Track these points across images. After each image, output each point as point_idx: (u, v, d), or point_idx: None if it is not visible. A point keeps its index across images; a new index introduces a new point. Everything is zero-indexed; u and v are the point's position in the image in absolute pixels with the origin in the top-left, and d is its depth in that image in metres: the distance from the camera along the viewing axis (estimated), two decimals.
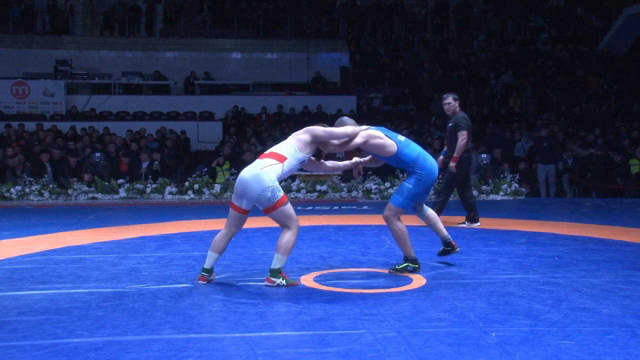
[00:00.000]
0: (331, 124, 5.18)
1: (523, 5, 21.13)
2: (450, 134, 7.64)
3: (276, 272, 4.71)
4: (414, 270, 5.11)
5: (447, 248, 5.46)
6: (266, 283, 4.73)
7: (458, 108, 7.72)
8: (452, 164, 7.46)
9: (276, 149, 4.84)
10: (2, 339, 3.50)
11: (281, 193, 4.64)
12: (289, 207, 4.68)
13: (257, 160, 4.79)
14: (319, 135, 4.85)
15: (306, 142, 4.81)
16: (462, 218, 7.88)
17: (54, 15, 19.56)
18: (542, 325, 3.72)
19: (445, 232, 5.43)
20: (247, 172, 4.71)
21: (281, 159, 4.73)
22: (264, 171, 4.64)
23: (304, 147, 4.80)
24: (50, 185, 11.36)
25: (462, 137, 7.43)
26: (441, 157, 7.78)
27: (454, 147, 7.49)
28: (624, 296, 4.37)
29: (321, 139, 4.89)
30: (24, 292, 4.54)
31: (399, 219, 5.14)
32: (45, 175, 11.63)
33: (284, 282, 4.70)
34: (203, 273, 4.85)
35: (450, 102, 7.66)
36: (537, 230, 7.43)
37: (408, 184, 5.11)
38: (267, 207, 4.64)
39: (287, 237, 4.67)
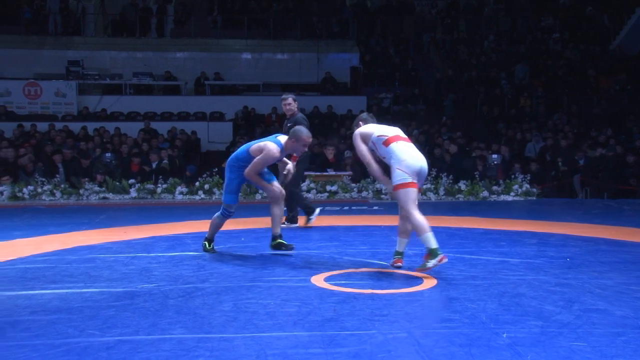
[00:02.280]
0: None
1: (534, 5, 21.03)
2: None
3: (435, 252, 4.90)
4: None
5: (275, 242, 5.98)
6: (424, 261, 4.96)
7: (297, 108, 7.73)
8: (292, 163, 7.44)
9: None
10: (15, 338, 3.52)
11: None
12: None
13: (411, 143, 5.19)
14: None
15: None
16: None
17: (65, 16, 19.68)
18: (553, 326, 3.70)
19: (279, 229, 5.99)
20: (421, 155, 5.13)
21: None
22: None
23: None
24: (62, 185, 11.43)
25: None
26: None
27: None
28: (636, 297, 4.33)
29: None
30: (36, 292, 4.57)
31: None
32: (57, 176, 11.71)
33: (431, 264, 4.90)
34: (397, 256, 5.24)
35: (291, 102, 7.69)
36: (548, 231, 7.39)
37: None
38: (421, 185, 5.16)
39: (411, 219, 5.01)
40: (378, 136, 5.15)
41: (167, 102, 17.80)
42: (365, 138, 5.22)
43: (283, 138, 5.81)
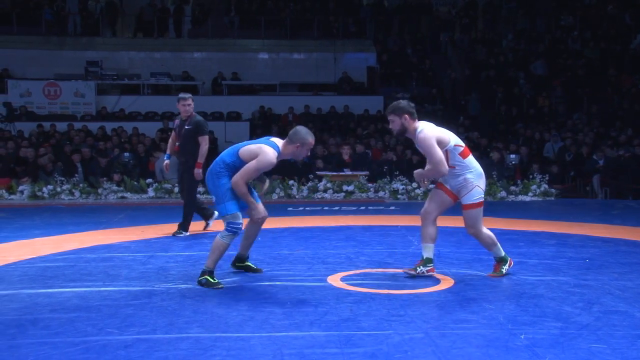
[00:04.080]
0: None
1: (553, 3, 20.84)
2: (187, 137, 7.23)
3: (505, 258, 5.06)
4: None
5: (239, 264, 5.22)
6: (497, 268, 5.05)
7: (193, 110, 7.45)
8: (197, 170, 7.10)
9: None
10: (35, 336, 3.57)
11: None
12: None
13: None
14: None
15: None
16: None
17: (84, 18, 19.87)
18: (572, 328, 3.66)
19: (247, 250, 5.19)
20: None
21: None
22: None
23: None
24: (81, 185, 11.54)
25: (205, 142, 7.19)
26: (166, 161, 7.54)
27: (190, 151, 7.17)
28: None
29: None
30: (56, 290, 4.61)
31: None
32: (76, 175, 11.83)
33: (505, 270, 5.01)
34: (429, 265, 4.97)
35: (191, 103, 7.36)
36: (567, 231, 7.32)
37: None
38: None
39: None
40: (455, 145, 4.82)
41: None
42: (441, 144, 4.76)
43: (278, 141, 4.79)
